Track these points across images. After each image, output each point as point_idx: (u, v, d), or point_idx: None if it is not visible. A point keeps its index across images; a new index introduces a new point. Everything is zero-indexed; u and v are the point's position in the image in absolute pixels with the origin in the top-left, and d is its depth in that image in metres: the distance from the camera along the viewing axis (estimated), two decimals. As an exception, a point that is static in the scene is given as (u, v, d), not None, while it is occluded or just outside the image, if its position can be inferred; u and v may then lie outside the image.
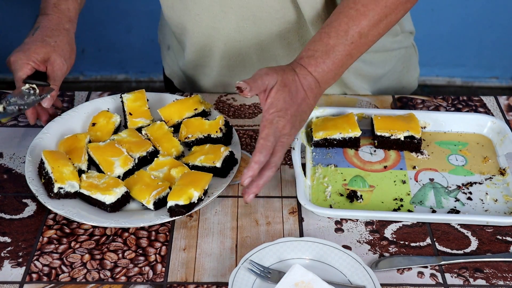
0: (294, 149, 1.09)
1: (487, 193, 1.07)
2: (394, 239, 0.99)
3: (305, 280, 0.88)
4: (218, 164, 1.05)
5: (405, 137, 1.14)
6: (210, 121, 1.13)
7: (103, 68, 2.91)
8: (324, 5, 1.17)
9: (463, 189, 1.08)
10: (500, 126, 1.17)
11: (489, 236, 1.00)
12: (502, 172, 1.11)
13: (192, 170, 1.06)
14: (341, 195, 1.07)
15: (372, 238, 0.99)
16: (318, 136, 1.14)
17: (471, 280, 0.93)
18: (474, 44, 2.81)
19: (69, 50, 1.17)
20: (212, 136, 1.12)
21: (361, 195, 1.06)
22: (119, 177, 1.06)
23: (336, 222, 1.02)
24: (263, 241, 0.98)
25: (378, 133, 1.14)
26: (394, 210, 1.04)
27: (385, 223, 1.02)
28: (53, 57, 1.13)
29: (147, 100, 1.18)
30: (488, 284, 0.93)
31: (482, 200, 1.06)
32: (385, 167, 1.12)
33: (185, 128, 1.13)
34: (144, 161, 1.10)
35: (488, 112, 1.26)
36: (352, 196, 1.06)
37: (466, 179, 1.10)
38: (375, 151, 1.16)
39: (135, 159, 1.09)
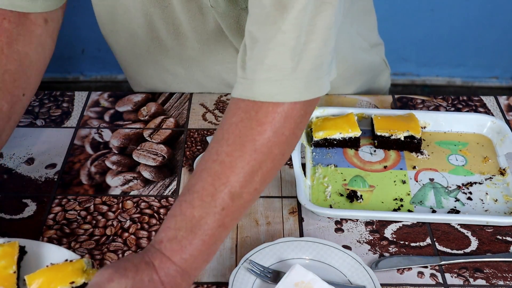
0: (294, 149, 1.09)
1: (487, 193, 1.07)
2: (394, 239, 0.99)
3: (305, 280, 0.88)
4: None
5: (405, 137, 1.14)
6: None
7: (103, 68, 2.90)
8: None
9: (463, 189, 1.08)
10: (500, 126, 1.17)
11: (489, 236, 1.00)
12: (502, 172, 1.11)
13: None
14: (341, 195, 1.07)
15: (372, 238, 0.99)
16: (318, 136, 1.14)
17: (471, 280, 0.93)
18: (474, 44, 2.81)
19: None
20: None
21: (361, 195, 1.06)
22: None
23: (336, 222, 1.02)
24: (263, 241, 0.98)
25: (378, 133, 1.14)
26: (394, 210, 1.04)
27: (385, 223, 1.02)
28: None
29: (23, 253, 0.91)
30: (488, 284, 0.93)
31: (482, 200, 1.06)
32: (385, 167, 1.12)
33: None
34: None
35: (488, 112, 1.26)
36: (352, 196, 1.06)
37: (466, 179, 1.10)
38: (375, 151, 1.16)
39: None
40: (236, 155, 0.79)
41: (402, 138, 1.14)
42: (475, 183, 1.09)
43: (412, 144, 1.14)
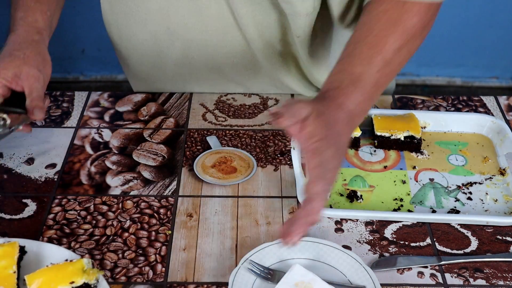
0: (294, 149, 1.09)
1: (487, 193, 1.07)
2: (394, 239, 0.99)
3: (305, 280, 0.88)
4: None
5: (405, 137, 1.14)
6: None
7: (103, 68, 2.91)
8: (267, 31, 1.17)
9: (463, 189, 1.08)
10: (500, 126, 1.17)
11: (489, 236, 1.00)
12: (502, 172, 1.11)
13: None
14: (341, 195, 1.07)
15: (372, 238, 0.99)
16: (318, 136, 1.14)
17: (471, 280, 0.93)
18: (474, 44, 2.81)
19: (41, 61, 1.05)
20: None
21: (361, 195, 1.06)
22: None
23: (336, 222, 1.02)
24: (263, 241, 0.98)
25: (378, 133, 1.14)
26: (394, 210, 1.04)
27: (385, 223, 1.02)
28: (25, 70, 1.02)
29: (23, 253, 0.91)
30: (488, 284, 0.93)
31: (482, 200, 1.06)
32: (385, 167, 1.12)
33: None
34: None
35: (488, 112, 1.26)
36: (352, 196, 1.06)
37: (466, 179, 1.10)
38: (375, 151, 1.16)
39: None
40: (388, 31, 0.95)
41: (402, 138, 1.14)
42: (475, 183, 1.09)
43: (412, 144, 1.14)
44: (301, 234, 0.84)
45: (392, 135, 1.14)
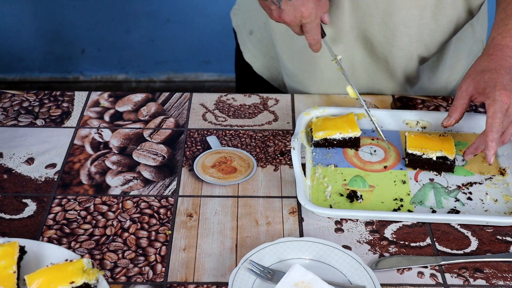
0: (294, 149, 1.09)
1: (487, 193, 1.07)
2: (394, 239, 0.99)
3: (305, 280, 0.88)
4: None
5: (437, 157, 1.10)
6: None
7: (103, 68, 2.91)
8: None
9: (463, 189, 1.08)
10: (500, 126, 1.17)
11: (489, 236, 1.00)
12: (502, 172, 1.11)
13: None
14: (341, 195, 1.07)
15: (372, 238, 0.99)
16: (318, 136, 1.14)
17: (471, 280, 0.93)
18: (474, 44, 2.80)
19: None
20: None
21: (361, 195, 1.06)
22: None
23: (336, 222, 1.02)
24: (263, 241, 0.98)
25: (410, 151, 1.10)
26: (394, 210, 1.04)
27: (385, 223, 1.02)
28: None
29: (23, 253, 0.91)
30: (488, 284, 0.93)
31: (482, 200, 1.06)
32: (385, 167, 1.12)
33: None
34: None
35: (488, 112, 1.26)
36: (352, 196, 1.06)
37: (466, 179, 1.10)
38: (375, 151, 1.16)
39: None
40: None
41: (434, 158, 1.10)
42: (475, 183, 1.09)
43: (445, 166, 1.10)
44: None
45: (424, 154, 1.10)
